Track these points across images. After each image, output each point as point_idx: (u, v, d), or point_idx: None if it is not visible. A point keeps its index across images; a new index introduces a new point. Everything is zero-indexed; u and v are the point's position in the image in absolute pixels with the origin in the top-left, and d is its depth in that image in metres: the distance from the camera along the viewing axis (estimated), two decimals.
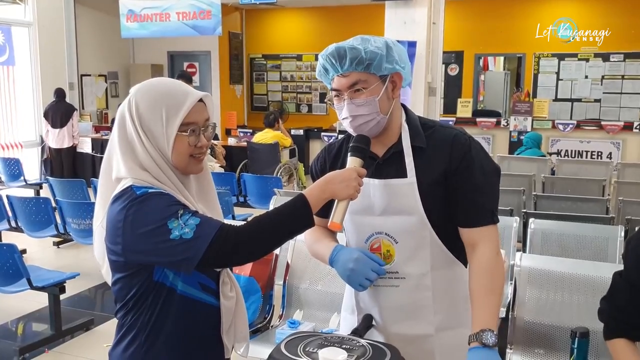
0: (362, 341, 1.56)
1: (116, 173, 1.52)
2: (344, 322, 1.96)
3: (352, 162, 1.64)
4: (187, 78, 7.77)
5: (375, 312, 1.79)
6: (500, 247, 1.73)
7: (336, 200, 1.60)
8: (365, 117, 1.67)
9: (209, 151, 7.28)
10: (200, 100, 1.54)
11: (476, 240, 1.68)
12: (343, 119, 1.70)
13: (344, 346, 1.50)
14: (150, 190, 1.46)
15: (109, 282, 1.60)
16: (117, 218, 1.46)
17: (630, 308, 1.70)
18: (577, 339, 2.43)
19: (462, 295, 1.74)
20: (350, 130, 1.72)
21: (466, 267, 1.77)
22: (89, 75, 11.25)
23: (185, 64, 12.49)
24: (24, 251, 5.98)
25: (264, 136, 8.75)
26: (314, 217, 1.84)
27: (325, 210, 1.79)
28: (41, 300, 4.42)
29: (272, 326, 3.16)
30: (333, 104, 1.72)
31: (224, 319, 1.60)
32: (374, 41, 1.65)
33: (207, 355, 1.62)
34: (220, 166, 8.02)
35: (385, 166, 1.73)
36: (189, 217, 1.43)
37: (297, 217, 1.51)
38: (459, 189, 1.67)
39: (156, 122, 1.49)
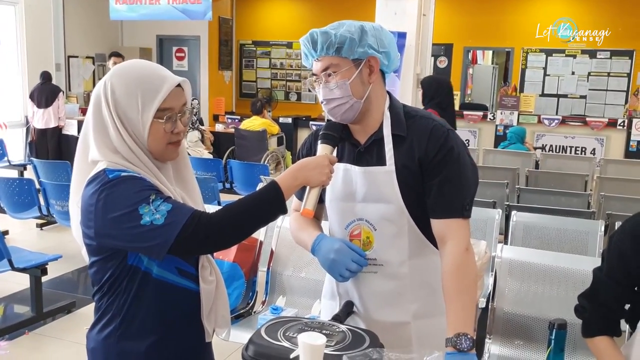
0: (342, 327, 1.58)
1: (91, 156, 1.50)
2: (324, 308, 1.98)
3: (323, 149, 1.66)
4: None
5: (354, 298, 1.81)
6: (470, 243, 1.70)
7: (308, 188, 1.61)
8: (337, 101, 1.68)
9: (199, 136, 7.31)
10: (178, 85, 1.52)
11: (445, 233, 1.67)
12: (321, 102, 1.73)
13: (324, 331, 1.51)
14: (123, 174, 1.45)
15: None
16: (89, 202, 1.45)
17: (614, 304, 1.72)
18: (555, 330, 2.46)
19: (438, 282, 1.74)
20: (328, 114, 1.74)
21: None
22: (76, 57, 11.12)
23: (174, 49, 12.40)
24: (6, 232, 5.93)
25: (252, 123, 8.73)
26: (298, 202, 1.86)
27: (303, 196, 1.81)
28: (22, 281, 4.40)
29: (254, 312, 3.17)
30: (314, 88, 1.74)
31: (204, 303, 1.59)
32: (348, 25, 1.65)
33: (186, 339, 1.61)
34: (208, 152, 8.00)
35: (366, 153, 1.73)
36: (161, 202, 1.42)
37: (269, 205, 1.50)
38: (432, 179, 1.67)
39: (132, 108, 1.47)
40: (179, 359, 1.60)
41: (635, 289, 1.69)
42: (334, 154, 1.72)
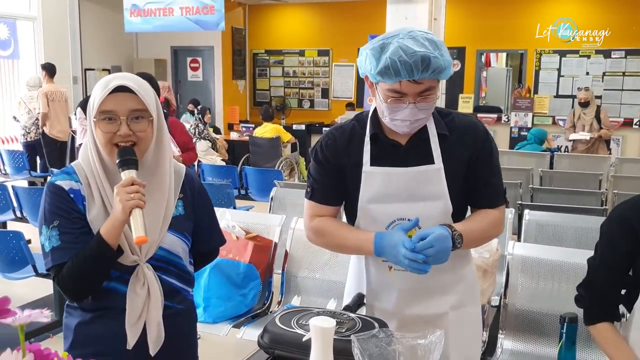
0: (352, 315, 1.64)
1: None
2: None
3: (126, 175, 1.56)
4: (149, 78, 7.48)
5: (392, 296, 1.83)
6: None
7: (130, 217, 1.52)
8: (424, 120, 1.72)
9: (209, 145, 7.41)
10: (132, 92, 1.59)
11: None
12: (397, 119, 1.68)
13: (335, 319, 1.57)
14: (56, 182, 1.63)
15: None
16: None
17: (610, 289, 1.77)
18: (566, 324, 2.50)
19: (472, 275, 1.90)
20: (397, 128, 1.72)
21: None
22: (93, 69, 11.30)
23: (189, 59, 12.56)
24: (29, 241, 5.99)
25: (264, 130, 8.84)
26: (316, 205, 1.86)
27: (329, 198, 1.84)
28: (46, 288, 4.51)
29: (270, 311, 3.23)
30: (384, 101, 1.67)
31: (129, 311, 1.62)
32: (445, 49, 1.65)
33: (117, 331, 1.63)
34: (222, 159, 8.12)
35: (410, 154, 1.76)
36: (57, 235, 1.59)
37: (99, 254, 1.56)
38: (480, 174, 1.78)
39: (89, 114, 1.64)
40: (104, 344, 1.65)
41: (629, 273, 1.74)
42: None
